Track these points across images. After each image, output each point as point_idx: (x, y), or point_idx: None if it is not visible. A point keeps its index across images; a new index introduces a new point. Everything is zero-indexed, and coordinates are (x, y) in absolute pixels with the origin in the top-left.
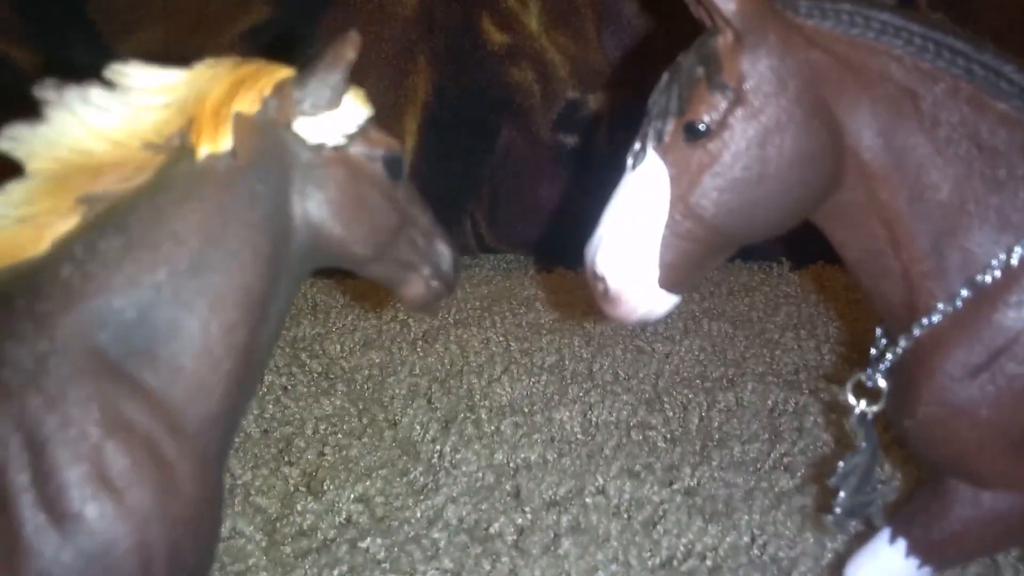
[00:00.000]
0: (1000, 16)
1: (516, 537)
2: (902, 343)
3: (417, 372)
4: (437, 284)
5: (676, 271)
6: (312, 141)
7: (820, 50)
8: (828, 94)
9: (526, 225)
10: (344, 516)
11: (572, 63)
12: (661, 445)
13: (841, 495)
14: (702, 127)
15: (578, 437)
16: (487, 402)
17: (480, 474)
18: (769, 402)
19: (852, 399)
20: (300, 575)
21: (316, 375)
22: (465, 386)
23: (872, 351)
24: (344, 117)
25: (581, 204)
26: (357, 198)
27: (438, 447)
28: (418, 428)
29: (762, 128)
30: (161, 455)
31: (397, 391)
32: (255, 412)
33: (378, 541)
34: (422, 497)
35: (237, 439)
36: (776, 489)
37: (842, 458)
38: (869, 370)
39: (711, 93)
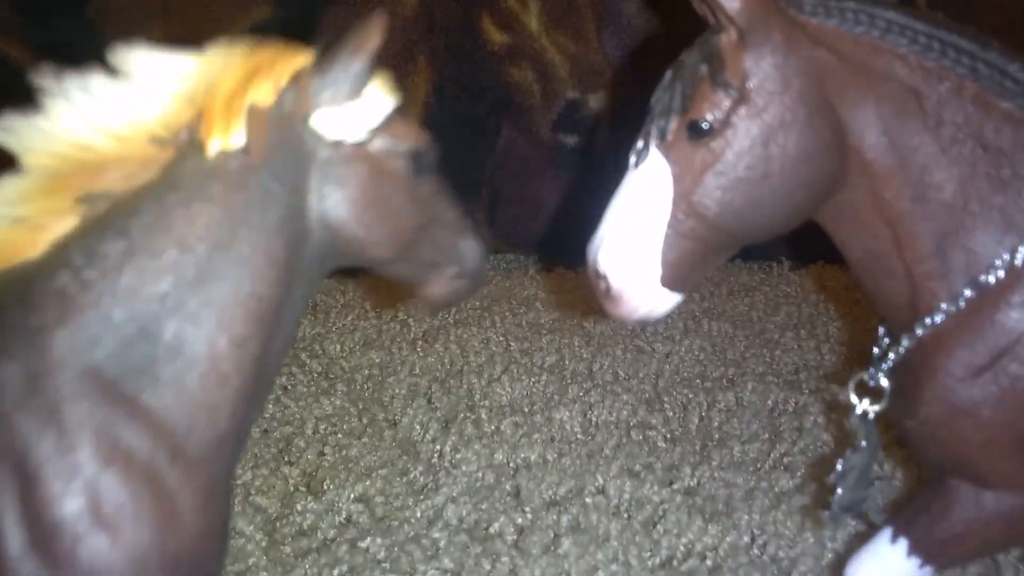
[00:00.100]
0: (1000, 16)
1: (516, 537)
2: (905, 343)
3: (417, 372)
4: (461, 283)
5: (678, 270)
6: (332, 137)
7: (824, 48)
8: (832, 92)
9: (526, 225)
10: (344, 516)
11: (572, 63)
12: (661, 445)
13: (839, 492)
14: (705, 125)
15: (578, 437)
16: (487, 402)
17: (480, 474)
18: (769, 402)
19: (854, 398)
20: (300, 575)
21: (316, 375)
22: (465, 386)
23: (875, 350)
24: (367, 109)
25: (581, 204)
26: (379, 197)
27: (438, 447)
28: (418, 428)
29: (765, 127)
30: (162, 486)
31: (397, 391)
32: None
33: (378, 541)
34: (422, 497)
35: None
36: (776, 489)
37: (842, 457)
38: (871, 369)
39: (714, 91)
